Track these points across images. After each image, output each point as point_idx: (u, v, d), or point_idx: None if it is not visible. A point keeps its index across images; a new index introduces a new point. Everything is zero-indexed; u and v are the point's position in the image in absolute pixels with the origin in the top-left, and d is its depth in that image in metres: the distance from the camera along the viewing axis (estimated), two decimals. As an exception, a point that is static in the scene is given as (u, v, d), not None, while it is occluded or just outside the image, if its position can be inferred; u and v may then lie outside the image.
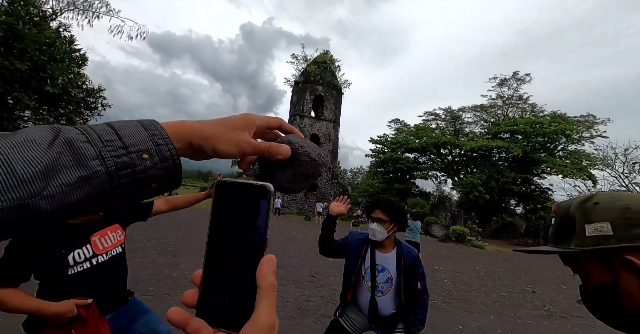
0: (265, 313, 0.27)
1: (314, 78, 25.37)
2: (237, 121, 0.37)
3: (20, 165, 0.23)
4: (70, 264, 1.36)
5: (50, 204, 0.24)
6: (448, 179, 31.64)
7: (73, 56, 10.04)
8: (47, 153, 0.24)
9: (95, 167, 0.26)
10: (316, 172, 0.42)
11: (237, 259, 0.31)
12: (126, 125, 0.30)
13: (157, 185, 0.31)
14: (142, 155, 0.29)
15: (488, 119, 30.71)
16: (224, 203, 0.32)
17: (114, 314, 1.55)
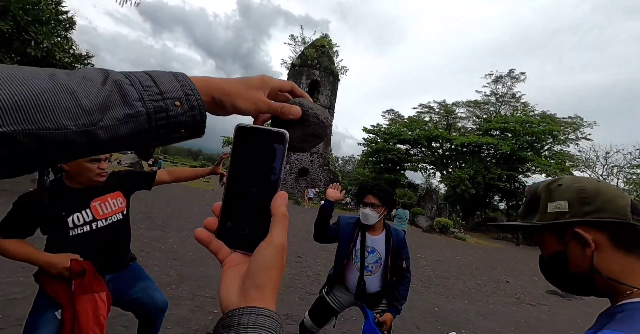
0: (278, 234, 0.32)
1: (311, 62, 24.84)
2: (255, 81, 0.40)
3: (84, 98, 0.27)
4: (70, 226, 1.42)
5: (105, 134, 0.28)
6: (437, 172, 32.22)
7: (60, 19, 9.44)
8: (101, 90, 0.28)
9: (138, 107, 0.30)
10: (323, 133, 0.45)
11: (254, 194, 0.35)
12: (161, 74, 0.33)
13: (185, 131, 0.34)
14: (174, 102, 0.32)
15: (480, 115, 31.04)
16: (242, 145, 0.35)
17: (113, 276, 1.60)
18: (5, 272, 2.97)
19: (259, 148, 0.35)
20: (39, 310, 1.40)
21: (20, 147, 0.24)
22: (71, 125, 0.26)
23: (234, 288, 0.31)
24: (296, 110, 0.41)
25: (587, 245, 0.60)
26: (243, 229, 0.35)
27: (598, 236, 0.60)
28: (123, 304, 1.67)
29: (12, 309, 2.36)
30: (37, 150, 0.25)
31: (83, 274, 1.36)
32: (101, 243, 1.52)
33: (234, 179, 0.35)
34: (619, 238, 0.60)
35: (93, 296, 1.40)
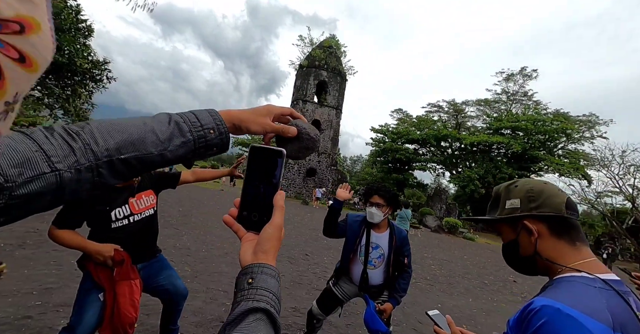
0: (277, 219, 0.49)
1: (318, 63, 24.96)
2: (263, 110, 0.56)
3: (160, 134, 0.45)
4: (112, 219, 1.66)
5: (171, 155, 0.46)
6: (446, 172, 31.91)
7: (79, 27, 9.91)
8: (168, 128, 0.46)
9: (188, 136, 0.47)
10: (314, 146, 0.61)
11: (262, 192, 0.51)
12: (200, 112, 0.50)
13: (217, 149, 0.51)
14: (210, 130, 0.49)
15: (491, 114, 30.56)
16: (255, 159, 0.52)
17: (144, 265, 1.84)
18: (40, 265, 3.26)
19: (266, 161, 0.51)
20: (85, 292, 1.64)
21: (131, 166, 0.43)
22: (154, 151, 0.44)
23: (248, 253, 0.49)
24: (293, 130, 0.57)
25: (532, 234, 0.77)
26: (254, 216, 0.51)
27: (540, 226, 0.77)
28: (151, 291, 1.90)
29: (50, 296, 2.63)
30: (137, 166, 0.43)
31: (122, 263, 1.60)
32: (136, 234, 1.76)
33: (248, 182, 0.51)
34: (556, 228, 0.77)
35: (130, 283, 1.63)
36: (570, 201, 0.78)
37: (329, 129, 25.44)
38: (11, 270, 3.01)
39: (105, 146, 0.40)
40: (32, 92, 10.40)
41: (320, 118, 25.12)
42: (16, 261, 3.24)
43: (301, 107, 24.50)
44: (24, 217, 0.36)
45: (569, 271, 0.73)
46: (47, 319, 2.29)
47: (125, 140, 0.42)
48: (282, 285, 4.08)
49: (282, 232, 0.50)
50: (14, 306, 2.39)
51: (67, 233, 1.58)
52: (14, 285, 2.71)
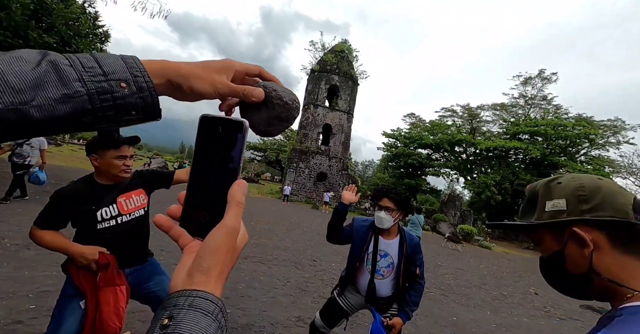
0: (230, 219, 0.33)
1: (330, 68, 25.00)
2: (216, 64, 0.39)
3: (13, 78, 0.27)
4: (98, 219, 1.54)
5: (39, 113, 0.29)
6: (460, 177, 31.09)
7: (97, 32, 10.23)
8: (34, 70, 0.29)
9: (77, 88, 0.30)
10: (289, 115, 0.44)
11: (215, 182, 0.35)
12: (107, 56, 0.33)
13: (137, 113, 0.34)
14: (120, 83, 0.32)
15: (507, 119, 29.66)
16: (206, 134, 0.35)
17: (132, 270, 1.70)
18: (42, 266, 3.22)
19: (220, 137, 0.35)
20: (66, 299, 1.52)
21: None
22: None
23: (182, 272, 0.32)
24: (259, 92, 0.40)
25: (585, 245, 0.57)
26: (205, 217, 0.35)
27: (597, 235, 0.57)
28: (140, 297, 1.77)
29: (45, 300, 2.55)
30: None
31: (107, 267, 1.48)
32: (124, 236, 1.63)
33: (197, 168, 0.36)
34: (620, 238, 0.56)
35: (114, 289, 1.50)
36: (639, 203, 0.57)
37: (340, 133, 25.31)
38: (12, 271, 2.98)
39: None
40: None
41: (332, 122, 25.07)
42: (19, 262, 3.21)
43: (312, 111, 24.54)
44: None
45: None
46: (38, 325, 2.19)
47: None
48: (287, 292, 3.91)
49: (242, 239, 0.34)
50: (7, 309, 2.32)
51: (50, 234, 1.47)
52: (12, 287, 2.65)
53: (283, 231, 8.77)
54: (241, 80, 0.42)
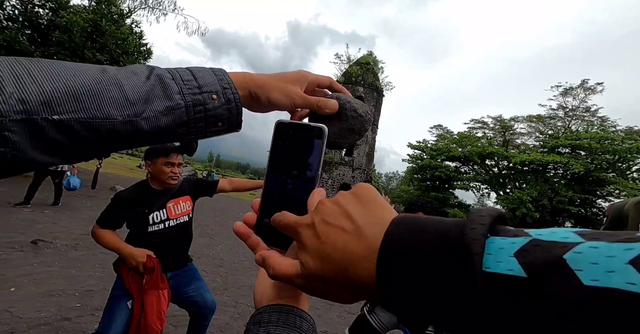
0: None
1: (355, 79, 25.22)
2: (291, 75, 0.40)
3: (129, 90, 0.29)
4: (150, 222, 1.67)
5: (147, 125, 0.30)
6: (492, 192, 29.44)
7: (141, 50, 11.19)
8: (145, 83, 0.30)
9: (178, 100, 0.32)
10: (362, 128, 0.43)
11: (291, 191, 0.34)
12: (201, 70, 0.35)
13: (222, 125, 0.35)
14: (212, 95, 0.34)
15: (545, 131, 27.91)
16: (281, 141, 0.35)
17: (174, 273, 1.80)
18: (87, 267, 3.45)
19: (297, 143, 0.34)
20: (115, 300, 1.63)
21: (75, 134, 0.27)
22: (117, 115, 0.28)
23: (267, 284, 0.31)
24: (333, 104, 0.40)
25: None
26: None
27: None
28: (179, 301, 1.85)
29: (89, 299, 2.72)
30: (88, 138, 0.28)
31: (153, 270, 1.58)
32: (170, 240, 1.74)
33: (272, 176, 0.35)
34: None
35: (158, 292, 1.59)
36: None
37: (365, 144, 25.17)
38: (61, 270, 3.21)
39: (20, 95, 0.24)
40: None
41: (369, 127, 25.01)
42: (68, 262, 3.46)
43: (337, 122, 24.69)
44: None
45: None
46: (83, 323, 2.33)
47: (62, 89, 0.25)
48: (312, 305, 3.85)
49: None
50: (57, 306, 2.49)
51: (109, 233, 1.62)
52: (61, 285, 2.86)
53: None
54: (312, 92, 0.42)
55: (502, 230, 0.20)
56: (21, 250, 3.53)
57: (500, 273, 0.17)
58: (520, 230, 0.20)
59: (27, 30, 9.43)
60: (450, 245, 0.19)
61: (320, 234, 0.25)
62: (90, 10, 10.00)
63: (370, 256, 0.22)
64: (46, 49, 9.18)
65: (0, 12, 9.24)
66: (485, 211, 0.21)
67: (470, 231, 0.19)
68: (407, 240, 0.21)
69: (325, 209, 0.26)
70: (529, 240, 0.18)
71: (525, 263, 0.17)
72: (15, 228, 4.22)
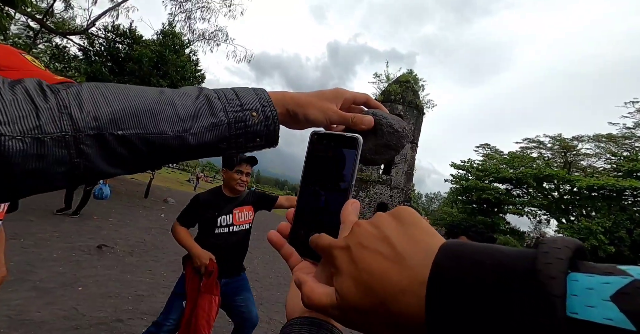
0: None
1: (394, 97, 25.06)
2: (328, 93, 0.41)
3: (181, 108, 0.33)
4: (217, 225, 1.82)
5: (194, 139, 0.33)
6: (552, 219, 26.18)
7: (196, 75, 12.55)
8: (195, 102, 0.34)
9: (222, 117, 0.35)
10: (398, 144, 0.43)
11: (325, 201, 0.34)
12: (243, 89, 0.38)
13: (260, 140, 0.37)
14: (252, 112, 0.36)
15: (619, 153, 24.50)
16: (316, 152, 0.35)
17: (227, 281, 1.89)
18: (139, 272, 3.75)
19: (332, 154, 0.35)
20: (174, 297, 1.80)
21: (133, 147, 0.31)
22: (169, 130, 0.32)
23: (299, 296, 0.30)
24: (368, 120, 0.40)
25: None
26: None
27: None
28: (227, 308, 1.93)
29: (139, 303, 2.92)
30: (144, 151, 0.32)
31: (211, 274, 1.69)
32: (231, 246, 1.87)
33: (306, 186, 0.35)
34: None
35: (210, 297, 1.69)
36: None
37: (403, 163, 24.45)
38: (119, 274, 3.53)
39: (94, 113, 0.28)
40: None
41: (407, 143, 24.55)
42: (125, 267, 3.80)
43: (375, 140, 24.50)
44: None
45: None
46: (134, 326, 2.50)
47: (126, 109, 0.30)
48: (347, 332, 3.68)
49: None
50: (112, 307, 2.72)
51: (184, 231, 1.81)
52: (118, 288, 3.13)
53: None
54: (348, 108, 0.43)
55: (585, 266, 0.17)
56: (89, 253, 3.97)
57: (594, 322, 0.14)
58: (611, 266, 0.16)
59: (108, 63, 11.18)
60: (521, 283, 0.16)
61: (356, 259, 0.23)
62: (158, 43, 11.57)
63: (414, 288, 0.19)
64: (122, 78, 10.75)
65: (91, 49, 11.13)
66: (560, 242, 0.17)
67: (546, 267, 0.16)
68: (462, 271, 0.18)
69: (362, 231, 0.24)
70: (630, 281, 0.14)
71: (630, 312, 0.13)
72: (85, 233, 4.79)
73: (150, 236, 5.81)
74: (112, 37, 11.14)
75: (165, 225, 7.04)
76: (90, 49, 11.03)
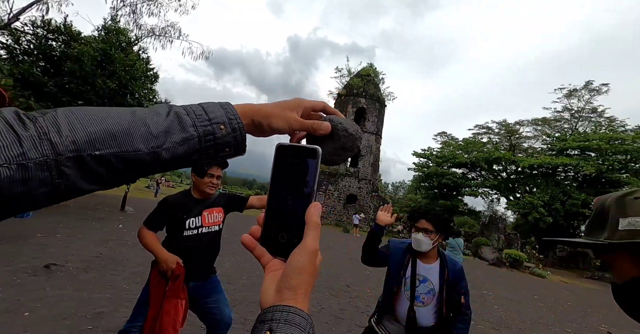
0: (310, 241, 0.36)
1: (356, 91, 25.61)
2: (289, 103, 0.45)
3: (153, 126, 0.35)
4: (186, 227, 1.78)
5: (167, 154, 0.36)
6: (502, 198, 28.87)
7: (148, 74, 11.68)
8: (165, 120, 0.37)
9: (192, 132, 0.38)
10: (353, 145, 0.48)
11: (291, 205, 0.39)
12: (210, 104, 0.41)
13: (229, 150, 0.41)
14: (220, 126, 0.39)
15: (552, 134, 27.58)
16: (282, 162, 0.39)
17: (196, 284, 1.86)
18: (98, 288, 3.50)
19: (295, 163, 0.39)
20: (139, 304, 1.76)
21: (111, 166, 0.33)
22: (143, 147, 0.35)
23: (271, 289, 0.36)
24: (326, 126, 0.45)
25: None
26: (282, 237, 0.38)
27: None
28: (198, 311, 1.90)
29: (100, 321, 2.75)
30: (122, 168, 0.34)
31: (177, 278, 1.65)
32: (200, 248, 1.83)
33: (274, 193, 0.39)
34: None
35: (177, 301, 1.66)
36: None
37: (369, 155, 25.21)
38: (73, 292, 3.27)
39: (72, 137, 0.31)
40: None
41: (360, 144, 25.11)
42: (79, 285, 3.52)
43: (340, 134, 24.88)
44: None
45: None
46: (94, 345, 2.36)
47: (102, 130, 0.32)
48: (322, 319, 3.81)
49: (318, 260, 0.38)
50: (68, 329, 2.53)
51: (151, 235, 1.76)
52: (73, 308, 2.90)
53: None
54: (308, 116, 0.47)
55: None
56: (35, 274, 3.61)
57: None
58: None
59: (40, 62, 9.96)
60: None
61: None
62: (100, 40, 10.55)
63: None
64: (59, 79, 9.65)
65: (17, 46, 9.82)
66: None
67: None
68: None
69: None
70: None
71: None
72: (28, 253, 4.33)
73: (108, 249, 5.42)
74: (42, 33, 9.92)
75: (124, 236, 6.58)
76: (16, 47, 9.73)
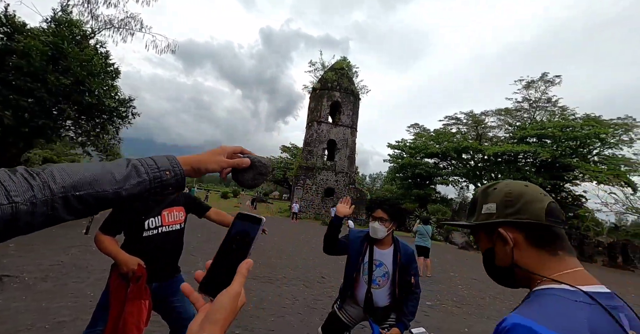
0: (235, 286, 0.45)
1: (331, 85, 25.66)
2: (217, 150, 0.65)
3: (117, 174, 0.52)
4: (145, 228, 1.77)
5: (125, 193, 0.52)
6: (470, 185, 30.54)
7: (107, 70, 10.94)
8: (125, 170, 0.53)
9: (145, 177, 0.54)
10: (266, 172, 0.68)
11: (232, 258, 0.48)
12: (160, 158, 0.58)
13: (172, 188, 0.58)
14: (166, 171, 0.56)
15: (513, 123, 29.41)
16: (236, 224, 0.51)
17: (159, 285, 1.85)
18: (58, 297, 3.36)
19: (245, 227, 0.50)
20: (99, 308, 1.73)
21: (86, 202, 0.49)
22: (109, 189, 0.50)
23: (197, 322, 0.44)
24: (246, 161, 0.67)
25: (507, 243, 0.69)
26: (220, 282, 0.46)
27: (517, 235, 0.69)
28: (162, 310, 1.90)
29: (61, 330, 2.67)
30: (92, 203, 0.49)
31: (139, 279, 1.65)
32: (162, 247, 1.83)
33: (224, 245, 0.49)
34: (535, 237, 0.68)
35: (140, 302, 1.66)
36: (552, 207, 0.69)
37: (345, 148, 25.52)
38: (30, 303, 3.13)
39: (62, 184, 0.46)
40: (68, 133, 11.37)
41: (336, 137, 25.34)
42: (37, 295, 3.37)
43: (316, 128, 24.95)
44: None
45: (548, 283, 0.62)
46: (54, 354, 2.30)
47: (81, 179, 0.48)
48: (296, 310, 3.94)
49: (241, 302, 0.46)
50: (25, 340, 2.44)
51: (108, 239, 1.73)
52: (30, 319, 2.79)
53: (292, 250, 8.77)
54: (231, 156, 0.67)
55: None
56: (-15, 287, 3.40)
57: None
58: None
59: (-20, 57, 9.02)
60: None
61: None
62: (50, 33, 9.72)
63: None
64: (4, 75, 8.82)
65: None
66: None
67: None
68: None
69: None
70: None
71: None
72: (-22, 265, 4.04)
73: (70, 256, 5.17)
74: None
75: (89, 242, 6.29)
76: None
